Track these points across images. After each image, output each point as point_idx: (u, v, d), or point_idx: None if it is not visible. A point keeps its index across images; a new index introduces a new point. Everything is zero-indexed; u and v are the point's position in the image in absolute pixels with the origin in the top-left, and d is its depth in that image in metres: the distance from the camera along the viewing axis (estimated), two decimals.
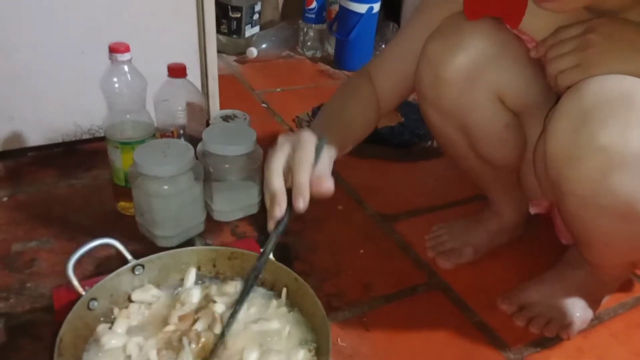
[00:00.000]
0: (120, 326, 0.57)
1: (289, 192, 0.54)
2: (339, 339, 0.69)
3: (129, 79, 0.78)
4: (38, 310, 0.69)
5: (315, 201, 0.54)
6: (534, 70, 0.68)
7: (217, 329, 0.56)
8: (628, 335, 0.74)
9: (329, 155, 0.58)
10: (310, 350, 0.55)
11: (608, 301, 0.78)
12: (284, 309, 0.61)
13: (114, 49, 0.76)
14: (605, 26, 0.57)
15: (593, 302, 0.75)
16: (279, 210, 0.53)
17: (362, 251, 0.86)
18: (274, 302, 0.61)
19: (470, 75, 0.68)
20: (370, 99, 0.78)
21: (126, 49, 0.77)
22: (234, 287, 0.63)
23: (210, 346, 0.54)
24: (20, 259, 0.77)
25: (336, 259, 0.83)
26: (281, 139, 0.57)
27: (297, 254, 0.83)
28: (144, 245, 0.81)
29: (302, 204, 0.52)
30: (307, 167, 0.53)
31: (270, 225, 0.54)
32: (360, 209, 0.96)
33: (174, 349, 0.54)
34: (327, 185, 0.53)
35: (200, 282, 0.64)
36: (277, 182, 0.53)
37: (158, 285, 0.62)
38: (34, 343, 0.64)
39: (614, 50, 0.56)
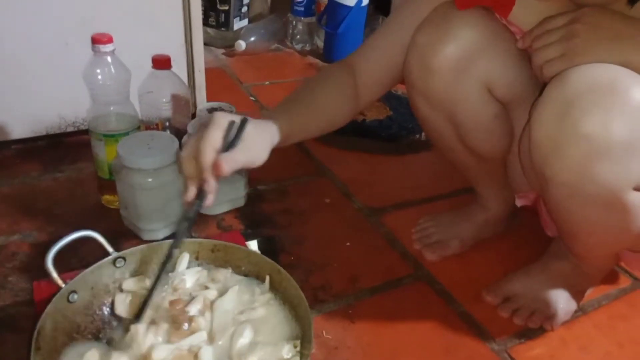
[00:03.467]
0: None
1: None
2: (324, 332, 0.69)
3: (112, 70, 0.77)
4: (20, 304, 0.68)
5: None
6: (522, 60, 0.68)
7: (207, 316, 0.57)
8: (611, 327, 0.75)
9: (259, 133, 0.60)
10: (295, 346, 0.55)
11: (592, 293, 0.79)
12: (269, 295, 0.61)
13: (96, 40, 0.76)
14: (590, 16, 0.56)
15: (577, 294, 0.76)
16: (188, 195, 0.58)
17: (348, 244, 0.86)
18: (257, 289, 0.62)
19: (460, 66, 0.67)
20: (346, 87, 0.75)
21: (109, 40, 0.76)
22: (223, 275, 0.63)
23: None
24: (2, 252, 0.76)
25: (323, 251, 0.83)
26: (199, 123, 0.60)
27: (283, 247, 0.83)
28: (129, 239, 0.80)
29: (207, 187, 0.56)
30: (208, 151, 0.56)
31: (185, 209, 0.58)
32: (347, 202, 0.96)
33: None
34: (222, 168, 0.55)
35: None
36: (186, 169, 0.58)
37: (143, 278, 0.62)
38: (16, 336, 0.64)
39: (599, 39, 0.56)
